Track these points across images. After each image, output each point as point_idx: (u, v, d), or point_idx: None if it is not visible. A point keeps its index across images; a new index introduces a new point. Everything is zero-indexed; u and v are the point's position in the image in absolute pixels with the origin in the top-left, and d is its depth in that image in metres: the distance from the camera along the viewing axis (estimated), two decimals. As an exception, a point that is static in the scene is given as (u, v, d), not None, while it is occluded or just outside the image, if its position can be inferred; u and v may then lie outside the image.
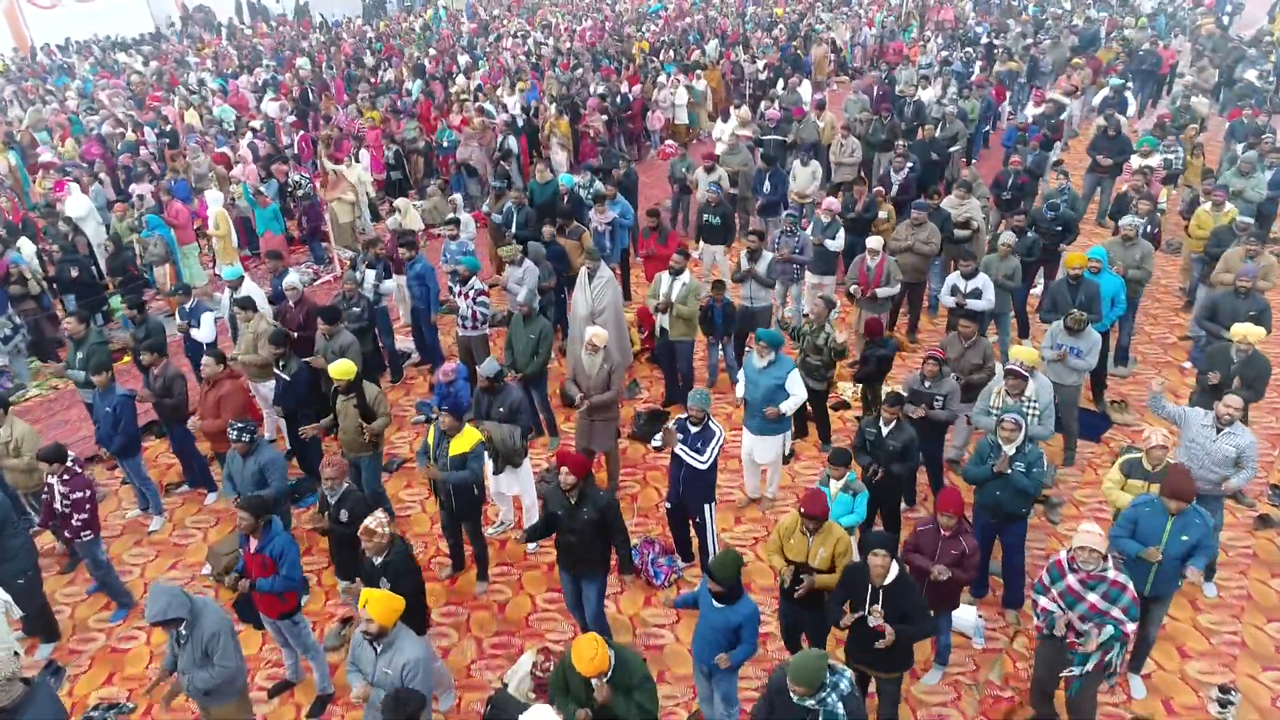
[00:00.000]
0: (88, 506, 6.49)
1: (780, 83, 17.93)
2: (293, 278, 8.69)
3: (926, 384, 6.87)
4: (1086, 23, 22.66)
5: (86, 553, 6.71)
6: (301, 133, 16.19)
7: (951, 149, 14.11)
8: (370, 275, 9.36)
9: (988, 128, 16.86)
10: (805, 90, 17.56)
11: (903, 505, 7.08)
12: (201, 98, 19.68)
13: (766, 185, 11.86)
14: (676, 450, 6.23)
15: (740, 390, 7.36)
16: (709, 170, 12.16)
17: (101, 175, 14.44)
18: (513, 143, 15.06)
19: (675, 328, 8.61)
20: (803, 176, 12.57)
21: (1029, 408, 6.46)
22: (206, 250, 13.11)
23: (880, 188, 11.26)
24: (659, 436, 6.36)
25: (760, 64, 20.10)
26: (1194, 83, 16.43)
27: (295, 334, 8.54)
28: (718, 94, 19.45)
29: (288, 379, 7.66)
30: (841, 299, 10.64)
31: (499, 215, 11.45)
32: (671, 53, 21.86)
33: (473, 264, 8.88)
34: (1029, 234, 9.61)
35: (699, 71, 19.02)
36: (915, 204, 9.90)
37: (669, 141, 18.31)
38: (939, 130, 14.86)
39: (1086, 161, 13.30)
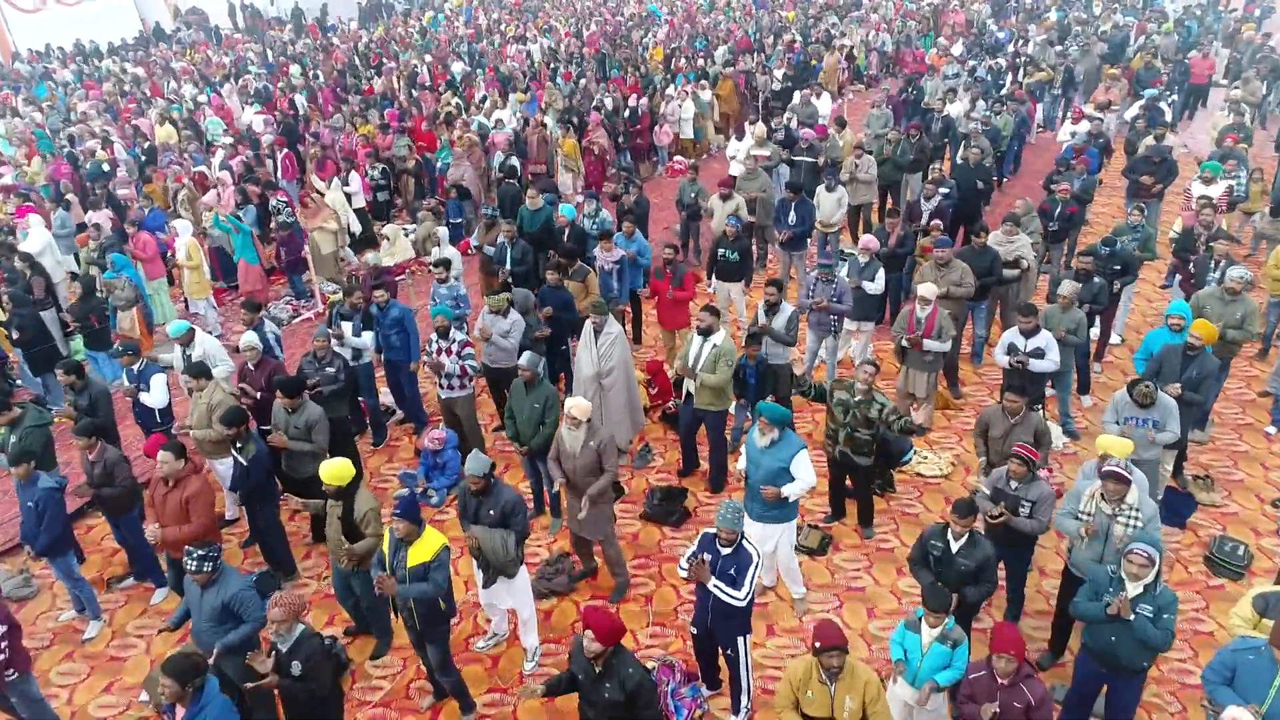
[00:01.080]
0: (3, 645, 5.39)
1: (797, 95, 16.66)
2: (251, 336, 7.55)
3: (1013, 485, 5.73)
4: (1114, 29, 21.48)
5: (15, 691, 5.60)
6: (285, 150, 15.06)
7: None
8: (346, 329, 8.25)
9: (1018, 145, 15.68)
10: (824, 103, 16.41)
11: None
12: (181, 110, 18.52)
13: (792, 216, 10.71)
14: (709, 585, 5.11)
15: (740, 464, 6.27)
16: (725, 198, 11.05)
17: (70, 197, 13.33)
18: (516, 162, 13.89)
19: (702, 395, 7.48)
20: (828, 203, 11.45)
21: (1129, 518, 5.34)
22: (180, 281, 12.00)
23: (938, 221, 10.12)
24: (685, 563, 5.26)
25: (779, 73, 18.95)
26: (1241, 97, 15.29)
27: (258, 396, 7.45)
28: (729, 106, 18.32)
29: (245, 464, 6.55)
30: (876, 345, 9.57)
31: (491, 248, 10.35)
32: (684, 61, 20.73)
33: (447, 313, 7.77)
34: (1096, 280, 8.46)
35: (704, 81, 17.87)
36: (937, 242, 8.80)
37: (678, 158, 17.24)
38: (962, 148, 13.71)
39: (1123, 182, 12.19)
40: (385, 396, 9.36)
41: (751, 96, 18.82)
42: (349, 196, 13.34)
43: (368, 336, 8.34)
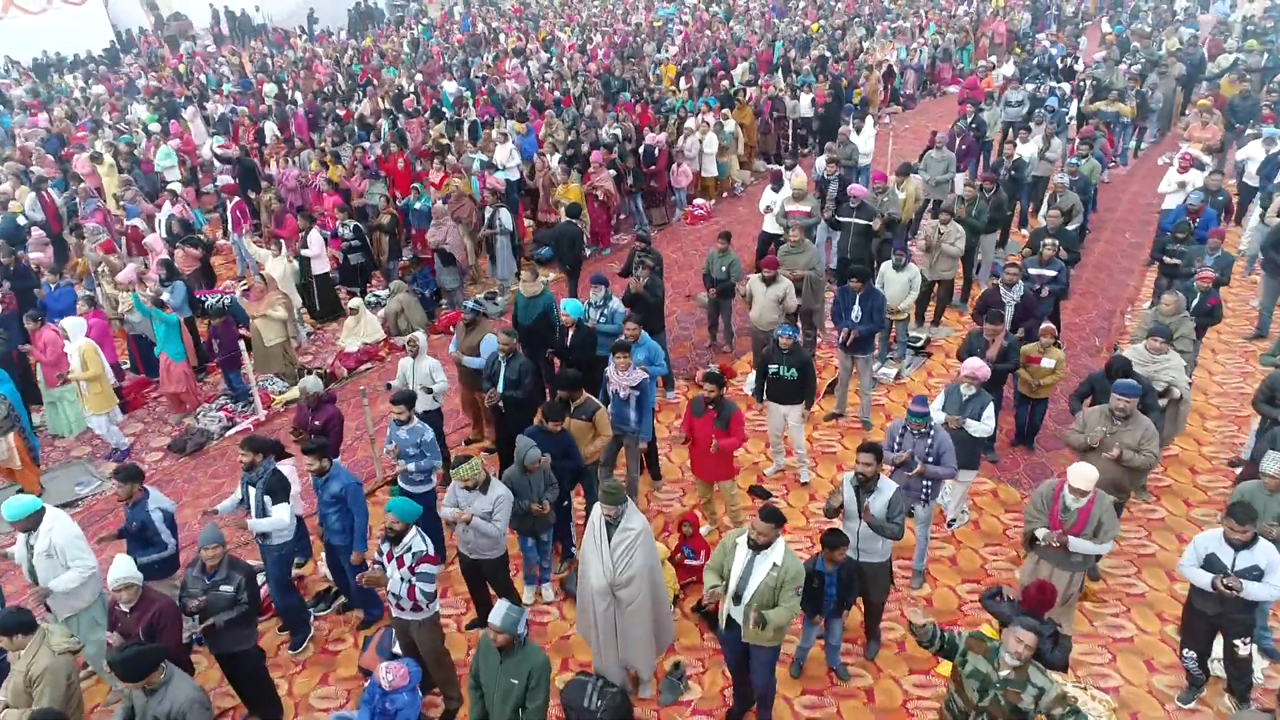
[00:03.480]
0: None
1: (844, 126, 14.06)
2: (125, 571, 5.05)
3: None
4: (1191, 45, 19.03)
5: None
6: (237, 198, 12.71)
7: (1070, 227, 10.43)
8: (275, 511, 5.88)
9: (1094, 190, 13.27)
10: (865, 138, 13.96)
11: None
12: (131, 140, 16.11)
13: (856, 310, 8.29)
14: None
15: None
16: (768, 281, 8.69)
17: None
18: (505, 216, 11.50)
19: (753, 629, 5.13)
20: (897, 286, 9.11)
21: None
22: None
23: (1050, 325, 7.77)
24: None
25: (806, 99, 16.54)
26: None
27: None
28: (749, 136, 15.91)
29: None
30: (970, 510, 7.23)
31: (474, 360, 7.99)
32: (696, 81, 18.32)
33: (409, 513, 5.37)
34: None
35: (726, 110, 15.44)
36: (1118, 386, 6.28)
37: (697, 201, 14.87)
38: (1045, 207, 11.26)
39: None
40: (324, 566, 7.02)
41: (778, 125, 16.46)
42: (308, 262, 11.05)
43: (280, 511, 5.95)
